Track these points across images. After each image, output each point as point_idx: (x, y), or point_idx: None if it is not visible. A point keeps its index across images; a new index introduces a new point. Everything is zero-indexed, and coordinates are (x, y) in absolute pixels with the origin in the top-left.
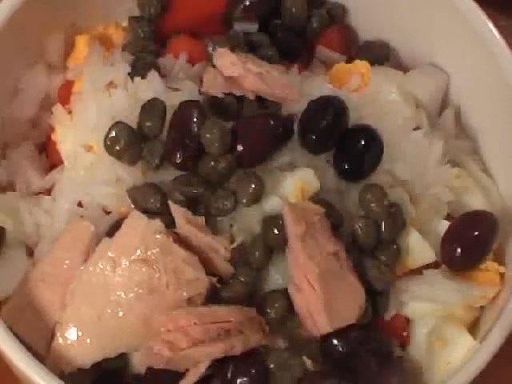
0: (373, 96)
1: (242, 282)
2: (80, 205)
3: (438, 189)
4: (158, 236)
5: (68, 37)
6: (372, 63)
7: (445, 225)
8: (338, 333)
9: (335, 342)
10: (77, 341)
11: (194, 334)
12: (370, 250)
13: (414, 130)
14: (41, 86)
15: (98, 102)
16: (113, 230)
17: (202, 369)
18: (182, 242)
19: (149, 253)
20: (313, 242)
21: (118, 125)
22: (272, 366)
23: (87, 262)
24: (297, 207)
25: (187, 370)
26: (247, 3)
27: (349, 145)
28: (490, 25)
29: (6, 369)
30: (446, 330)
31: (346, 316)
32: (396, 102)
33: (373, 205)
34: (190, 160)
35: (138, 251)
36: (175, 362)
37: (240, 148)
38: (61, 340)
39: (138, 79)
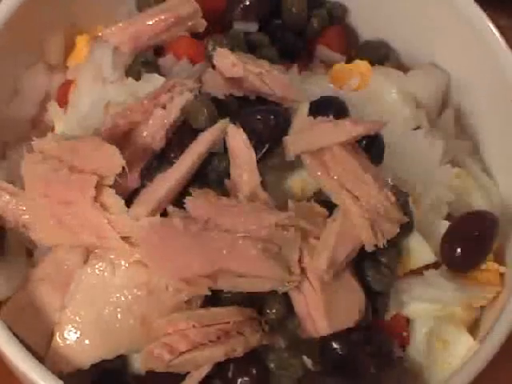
0: (373, 96)
1: None
2: None
3: (438, 189)
4: None
5: (68, 37)
6: (372, 63)
7: (445, 225)
8: (337, 335)
9: (334, 345)
10: (76, 341)
11: (193, 336)
12: (371, 251)
13: (414, 129)
14: (41, 86)
15: (92, 92)
16: None
17: (203, 372)
18: None
19: None
20: (315, 243)
21: None
22: (272, 365)
23: (87, 263)
24: (300, 207)
25: (188, 372)
26: (247, 3)
27: None
28: (490, 24)
29: (6, 369)
30: (446, 330)
31: (346, 319)
32: (396, 102)
33: None
34: None
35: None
36: (176, 366)
37: None
38: (60, 340)
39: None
